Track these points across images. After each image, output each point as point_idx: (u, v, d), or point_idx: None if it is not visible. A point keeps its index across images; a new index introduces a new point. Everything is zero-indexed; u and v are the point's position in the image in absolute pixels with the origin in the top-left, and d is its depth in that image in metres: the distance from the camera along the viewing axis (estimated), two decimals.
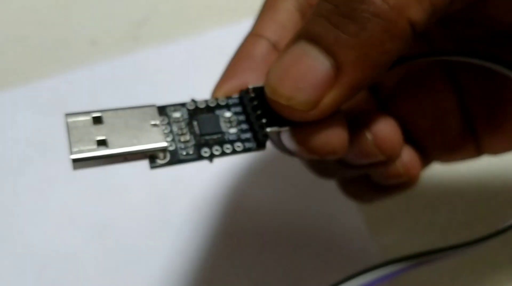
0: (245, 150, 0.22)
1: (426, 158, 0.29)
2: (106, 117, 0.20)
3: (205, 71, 0.26)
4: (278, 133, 0.23)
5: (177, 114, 0.21)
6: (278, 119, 0.21)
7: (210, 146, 0.21)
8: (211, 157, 0.21)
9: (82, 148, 0.19)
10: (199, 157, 0.21)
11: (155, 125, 0.21)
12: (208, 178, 0.36)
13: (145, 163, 0.30)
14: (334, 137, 0.22)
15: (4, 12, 0.40)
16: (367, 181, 0.27)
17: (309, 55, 0.20)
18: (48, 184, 0.35)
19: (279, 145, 0.24)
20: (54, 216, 0.35)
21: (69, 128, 0.19)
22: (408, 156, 0.27)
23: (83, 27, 0.40)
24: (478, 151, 0.29)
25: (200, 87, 0.25)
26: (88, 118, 0.20)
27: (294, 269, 0.35)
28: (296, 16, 0.25)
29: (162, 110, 0.21)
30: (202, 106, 0.22)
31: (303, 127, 0.21)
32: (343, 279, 0.24)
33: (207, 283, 0.34)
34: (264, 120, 0.21)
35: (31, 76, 0.38)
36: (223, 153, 0.21)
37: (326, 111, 0.21)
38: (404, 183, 0.27)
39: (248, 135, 0.22)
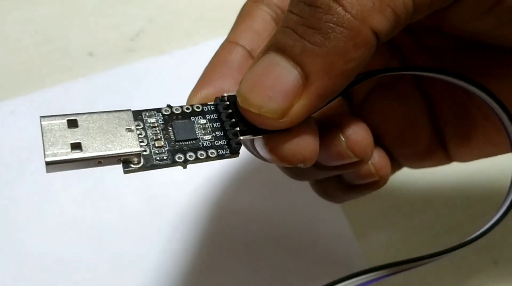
0: (219, 156, 0.22)
1: (396, 163, 0.30)
2: (81, 120, 0.20)
3: None
4: (252, 141, 0.23)
5: (152, 119, 0.22)
6: (251, 127, 0.22)
7: (184, 152, 0.21)
8: (184, 163, 0.21)
9: (56, 151, 0.19)
10: (173, 163, 0.21)
11: (130, 130, 0.21)
12: (198, 184, 0.37)
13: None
14: (304, 146, 0.22)
15: (5, 25, 0.41)
16: (339, 181, 0.28)
17: (278, 65, 0.21)
18: (44, 191, 0.36)
19: (253, 151, 0.24)
20: (50, 221, 0.35)
21: (43, 131, 0.20)
22: (378, 157, 0.27)
23: (81, 40, 0.41)
24: (447, 159, 0.30)
25: None
26: (63, 121, 0.20)
27: (281, 272, 0.35)
28: (271, 25, 0.25)
29: (138, 115, 0.21)
30: (178, 112, 0.22)
31: (274, 135, 0.22)
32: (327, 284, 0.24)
33: None
34: (238, 128, 0.22)
35: (31, 86, 0.39)
36: (197, 159, 0.22)
37: (296, 119, 0.21)
38: (374, 183, 0.28)
39: (222, 142, 0.22)
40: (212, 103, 0.23)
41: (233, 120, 0.22)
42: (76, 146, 0.20)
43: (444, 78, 0.26)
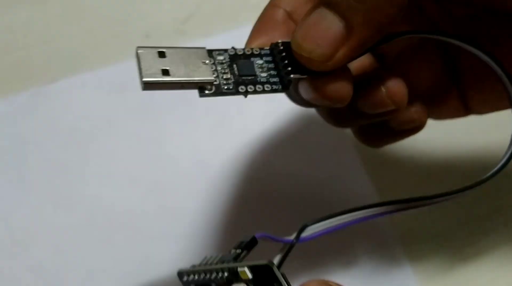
0: (273, 90, 0.27)
1: None
2: (168, 52, 0.25)
3: None
4: (297, 84, 0.28)
5: (221, 57, 0.26)
6: (300, 68, 0.27)
7: (245, 85, 0.26)
8: (245, 93, 0.26)
9: (150, 74, 0.24)
10: (237, 92, 0.26)
11: (204, 63, 0.25)
12: (238, 151, 0.42)
13: (191, 136, 0.37)
14: (343, 88, 0.27)
15: (73, 9, 0.46)
16: (379, 127, 0.33)
17: (327, 18, 0.26)
18: (112, 153, 0.42)
19: (296, 97, 0.29)
20: (117, 178, 0.41)
21: (140, 57, 0.24)
22: (418, 105, 0.32)
23: (139, 22, 0.46)
24: (466, 111, 0.34)
25: None
26: (155, 51, 0.25)
27: None
28: None
29: (210, 53, 0.26)
30: (240, 53, 0.27)
31: (319, 77, 0.27)
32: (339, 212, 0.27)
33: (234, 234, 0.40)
34: (289, 68, 0.26)
35: (97, 63, 0.44)
36: (255, 91, 0.26)
37: (338, 63, 0.26)
38: (414, 128, 0.33)
39: (275, 79, 0.27)
40: (268, 48, 0.28)
41: (286, 62, 0.27)
42: (165, 72, 0.24)
43: (456, 43, 0.30)
